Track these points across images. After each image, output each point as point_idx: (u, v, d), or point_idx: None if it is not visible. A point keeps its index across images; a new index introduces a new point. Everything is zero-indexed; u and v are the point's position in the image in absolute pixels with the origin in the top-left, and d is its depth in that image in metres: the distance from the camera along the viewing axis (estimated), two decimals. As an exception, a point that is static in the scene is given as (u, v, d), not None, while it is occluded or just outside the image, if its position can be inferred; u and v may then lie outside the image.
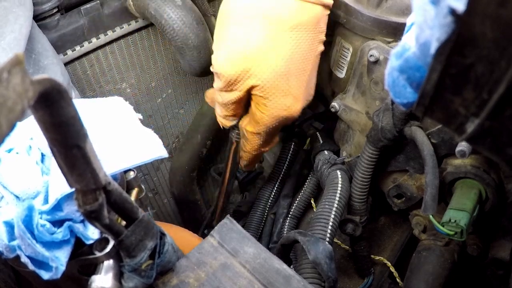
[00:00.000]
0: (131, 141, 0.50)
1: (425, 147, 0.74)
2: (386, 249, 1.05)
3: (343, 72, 0.92)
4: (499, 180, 0.75)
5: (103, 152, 0.45)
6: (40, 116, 0.30)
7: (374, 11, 0.80)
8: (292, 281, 0.52)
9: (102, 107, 0.54)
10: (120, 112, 0.54)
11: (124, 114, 0.54)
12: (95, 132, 0.47)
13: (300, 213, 1.11)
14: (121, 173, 0.52)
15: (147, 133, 0.52)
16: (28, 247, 0.41)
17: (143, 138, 0.51)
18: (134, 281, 0.46)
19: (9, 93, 0.22)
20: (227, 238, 0.56)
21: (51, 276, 0.43)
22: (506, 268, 0.81)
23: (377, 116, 0.79)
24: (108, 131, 0.50)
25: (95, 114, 0.51)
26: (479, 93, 0.28)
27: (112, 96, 0.59)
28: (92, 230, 0.45)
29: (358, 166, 0.87)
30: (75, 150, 0.33)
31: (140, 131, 0.52)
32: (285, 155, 1.19)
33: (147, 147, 0.50)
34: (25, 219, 0.42)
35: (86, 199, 0.37)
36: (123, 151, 0.48)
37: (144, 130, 0.53)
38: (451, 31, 0.26)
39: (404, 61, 0.33)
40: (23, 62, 0.23)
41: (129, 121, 0.53)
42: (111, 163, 0.46)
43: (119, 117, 0.53)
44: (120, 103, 0.56)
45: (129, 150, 0.48)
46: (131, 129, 0.52)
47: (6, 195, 0.46)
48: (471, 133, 0.30)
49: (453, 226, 0.71)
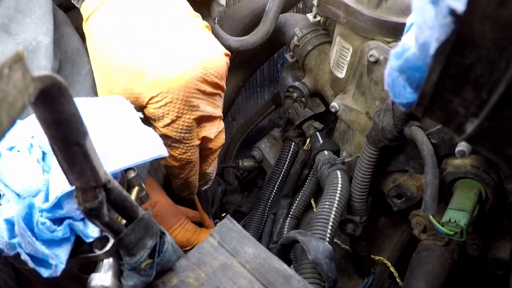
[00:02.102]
0: (132, 139, 0.50)
1: (425, 147, 0.74)
2: (386, 249, 1.05)
3: (343, 72, 0.92)
4: (499, 180, 0.75)
5: (103, 150, 0.45)
6: (40, 113, 0.30)
7: (374, 11, 0.80)
8: (292, 281, 0.52)
9: (102, 106, 0.54)
10: (121, 111, 0.54)
11: (124, 113, 0.54)
12: (95, 131, 0.47)
13: (300, 213, 1.11)
14: (122, 172, 0.52)
15: (147, 131, 0.53)
16: (28, 245, 0.42)
17: (143, 137, 0.51)
18: (134, 280, 0.46)
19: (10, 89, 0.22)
20: (227, 238, 0.56)
21: (51, 273, 0.43)
22: (506, 268, 0.82)
23: (378, 116, 0.79)
24: (108, 130, 0.50)
25: (96, 113, 0.52)
26: (478, 93, 0.28)
27: (113, 96, 0.59)
28: (92, 228, 0.45)
29: (358, 166, 0.87)
30: (75, 148, 0.33)
31: (141, 130, 0.52)
32: (285, 155, 1.19)
33: (148, 145, 0.50)
34: (26, 217, 0.42)
35: (86, 197, 0.37)
36: (124, 150, 0.48)
37: (145, 129, 0.53)
38: (450, 31, 0.26)
39: (403, 61, 0.33)
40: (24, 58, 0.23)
41: (129, 120, 0.53)
42: (112, 161, 0.46)
43: (119, 116, 0.53)
44: (121, 102, 0.56)
45: (129, 149, 0.48)
46: (132, 128, 0.52)
47: (7, 193, 0.46)
48: (471, 133, 0.30)
49: (453, 226, 0.72)
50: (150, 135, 0.52)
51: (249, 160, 1.45)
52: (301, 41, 1.10)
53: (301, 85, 1.08)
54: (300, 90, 1.08)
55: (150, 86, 0.58)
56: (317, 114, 1.10)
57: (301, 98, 1.10)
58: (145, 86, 0.58)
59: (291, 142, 1.19)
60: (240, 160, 1.49)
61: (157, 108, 0.59)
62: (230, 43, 1.05)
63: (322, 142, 1.05)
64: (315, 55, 1.08)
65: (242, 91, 1.48)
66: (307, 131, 1.11)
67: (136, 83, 0.59)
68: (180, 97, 0.58)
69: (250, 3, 1.21)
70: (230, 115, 1.52)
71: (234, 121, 1.56)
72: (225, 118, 1.41)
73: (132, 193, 0.54)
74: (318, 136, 1.07)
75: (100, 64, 0.63)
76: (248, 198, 1.47)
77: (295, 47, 1.13)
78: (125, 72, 0.59)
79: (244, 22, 1.18)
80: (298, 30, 1.12)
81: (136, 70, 0.58)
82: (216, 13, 0.90)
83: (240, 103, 1.54)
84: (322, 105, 1.11)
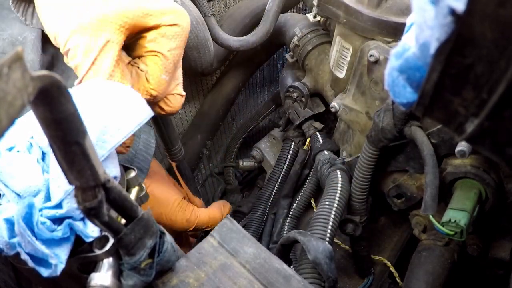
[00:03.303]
0: (119, 110, 0.49)
1: (425, 147, 0.74)
2: (386, 249, 1.05)
3: (343, 72, 0.92)
4: (499, 180, 0.75)
5: (98, 131, 0.45)
6: (40, 112, 0.30)
7: (374, 11, 0.80)
8: (292, 281, 0.52)
9: (89, 88, 0.53)
10: (101, 87, 0.53)
11: (104, 86, 0.53)
12: (90, 110, 0.47)
13: (300, 213, 1.11)
14: (122, 172, 0.52)
15: (129, 95, 0.52)
16: (28, 244, 0.42)
17: (128, 103, 0.50)
18: (134, 279, 0.46)
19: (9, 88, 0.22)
20: (227, 238, 0.56)
21: (51, 273, 0.43)
22: (506, 268, 0.82)
23: (378, 116, 0.79)
24: (101, 106, 0.49)
25: (86, 95, 0.51)
26: (478, 93, 0.28)
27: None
28: (92, 228, 0.45)
29: (358, 166, 0.87)
30: (74, 147, 0.33)
31: (122, 96, 0.51)
32: (285, 155, 1.19)
33: (135, 111, 0.50)
34: (26, 217, 0.42)
35: (86, 196, 0.37)
36: (115, 125, 0.47)
37: (125, 92, 0.52)
38: (450, 31, 0.26)
39: (404, 61, 0.33)
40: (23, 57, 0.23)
41: (110, 90, 0.52)
42: (114, 133, 0.46)
43: (101, 91, 0.52)
44: (102, 82, 0.55)
45: (120, 122, 0.48)
46: (114, 99, 0.51)
47: (7, 193, 0.46)
48: (471, 133, 0.30)
49: (453, 226, 0.71)
50: (134, 98, 0.51)
51: (249, 160, 1.45)
52: (301, 41, 1.10)
53: (301, 85, 1.08)
54: (300, 90, 1.08)
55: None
56: (317, 114, 1.10)
57: (301, 98, 1.10)
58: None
59: (291, 142, 1.19)
60: (240, 160, 1.49)
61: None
62: (230, 43, 1.05)
63: (322, 142, 1.05)
64: (315, 55, 1.08)
65: (242, 91, 1.48)
66: (307, 131, 1.11)
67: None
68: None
69: (250, 3, 1.21)
70: (230, 115, 1.52)
71: (234, 121, 1.57)
72: (225, 118, 1.41)
73: (131, 193, 0.54)
74: (318, 136, 1.07)
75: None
76: (248, 198, 1.47)
77: (295, 47, 1.13)
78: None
79: (244, 22, 1.18)
80: (298, 30, 1.12)
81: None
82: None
83: (240, 103, 1.54)
84: (322, 105, 1.11)
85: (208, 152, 1.44)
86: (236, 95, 1.35)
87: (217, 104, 1.32)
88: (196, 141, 1.33)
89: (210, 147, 1.40)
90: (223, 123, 1.42)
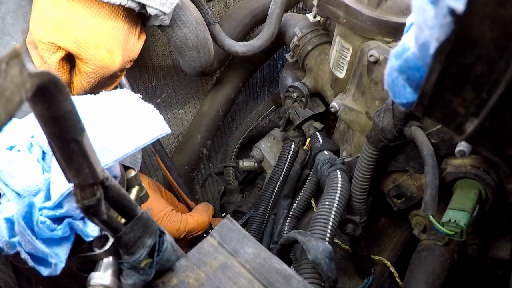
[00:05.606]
0: (136, 122, 0.49)
1: (425, 147, 0.74)
2: (386, 249, 1.05)
3: (343, 72, 0.92)
4: (499, 180, 0.75)
5: (104, 140, 0.45)
6: (38, 109, 0.30)
7: (374, 11, 0.80)
8: (292, 281, 0.52)
9: (104, 99, 0.53)
10: (122, 99, 0.53)
11: (125, 99, 0.53)
12: (100, 121, 0.47)
13: (300, 213, 1.11)
14: (122, 171, 0.52)
15: (147, 110, 0.52)
16: (28, 244, 0.42)
17: (144, 118, 0.51)
18: (133, 278, 0.46)
19: (7, 83, 0.23)
20: (227, 238, 0.56)
21: (50, 272, 0.43)
22: (506, 268, 0.82)
23: (378, 116, 0.79)
24: (113, 117, 0.49)
25: (99, 105, 0.51)
26: (478, 93, 0.28)
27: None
28: (91, 227, 0.45)
29: (358, 166, 0.87)
30: (72, 144, 0.33)
31: (140, 110, 0.51)
32: (285, 155, 1.19)
33: (149, 126, 0.50)
34: (26, 216, 0.42)
35: (84, 194, 0.37)
36: (130, 133, 0.48)
37: (144, 107, 0.52)
38: (450, 31, 0.26)
39: (403, 61, 0.33)
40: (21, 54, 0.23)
41: (131, 104, 0.52)
42: (121, 146, 0.46)
43: (122, 103, 0.52)
44: (121, 92, 0.56)
45: (131, 134, 0.48)
46: (135, 111, 0.51)
47: (7, 192, 0.46)
48: (471, 133, 0.30)
49: (453, 226, 0.71)
50: (150, 114, 0.52)
51: (249, 160, 1.46)
52: (301, 41, 1.10)
53: (301, 85, 1.08)
54: (300, 90, 1.08)
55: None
56: (317, 114, 1.10)
57: (301, 98, 1.10)
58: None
59: (291, 142, 1.19)
60: (240, 160, 1.49)
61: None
62: (236, 49, 1.06)
63: (322, 142, 1.05)
64: (315, 55, 1.08)
65: (242, 91, 1.48)
66: (307, 131, 1.11)
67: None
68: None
69: (250, 3, 1.21)
70: (230, 115, 1.52)
71: (234, 121, 1.57)
72: (225, 118, 1.41)
73: (131, 192, 0.54)
74: (318, 136, 1.07)
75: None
76: (248, 198, 1.47)
77: (295, 47, 1.13)
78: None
79: (244, 22, 1.18)
80: (298, 30, 1.12)
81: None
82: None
83: (240, 103, 1.54)
84: (322, 105, 1.11)
85: (208, 152, 1.44)
86: (236, 95, 1.35)
87: (217, 104, 1.32)
88: (196, 141, 1.33)
89: (210, 147, 1.40)
90: (223, 123, 1.42)
